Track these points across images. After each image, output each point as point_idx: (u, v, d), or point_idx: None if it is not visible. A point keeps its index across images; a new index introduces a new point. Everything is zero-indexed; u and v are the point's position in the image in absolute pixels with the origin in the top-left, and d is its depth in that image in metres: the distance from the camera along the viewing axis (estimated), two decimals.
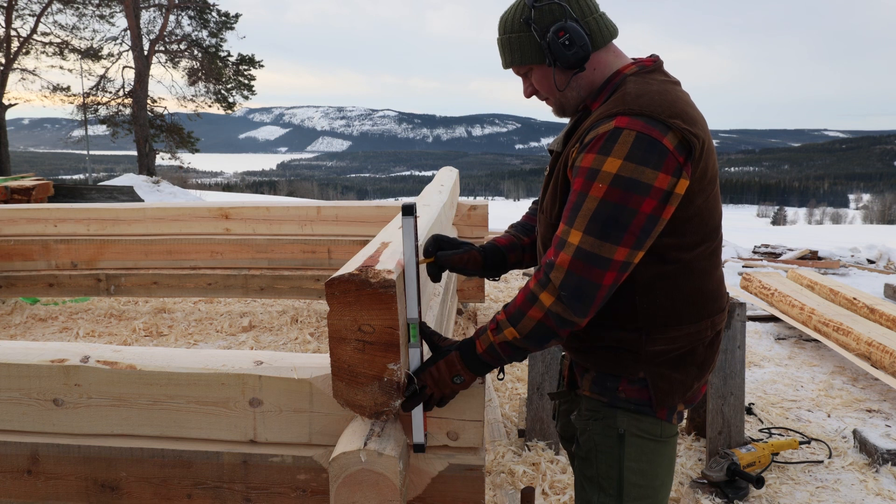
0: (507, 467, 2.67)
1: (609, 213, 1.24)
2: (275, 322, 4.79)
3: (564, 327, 1.29)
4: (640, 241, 1.27)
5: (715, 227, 1.39)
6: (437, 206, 2.77)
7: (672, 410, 1.45)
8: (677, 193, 1.25)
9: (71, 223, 4.82)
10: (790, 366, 4.11)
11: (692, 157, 1.26)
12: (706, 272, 1.40)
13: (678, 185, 1.25)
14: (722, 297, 1.46)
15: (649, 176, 1.23)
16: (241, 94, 24.19)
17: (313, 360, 1.46)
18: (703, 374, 1.45)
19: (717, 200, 1.38)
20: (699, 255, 1.37)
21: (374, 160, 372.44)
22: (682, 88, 1.40)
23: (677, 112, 1.27)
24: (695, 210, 1.32)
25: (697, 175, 1.29)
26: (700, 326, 1.41)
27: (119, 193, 10.98)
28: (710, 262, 1.40)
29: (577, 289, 1.26)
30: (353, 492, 1.26)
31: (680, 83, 1.42)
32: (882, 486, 2.65)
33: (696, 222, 1.34)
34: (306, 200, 13.15)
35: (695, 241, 1.35)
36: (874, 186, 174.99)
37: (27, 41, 20.94)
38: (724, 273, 1.50)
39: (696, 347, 1.42)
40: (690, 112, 1.31)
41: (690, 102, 1.36)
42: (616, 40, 1.45)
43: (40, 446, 1.48)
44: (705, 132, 1.32)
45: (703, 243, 1.37)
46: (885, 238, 10.77)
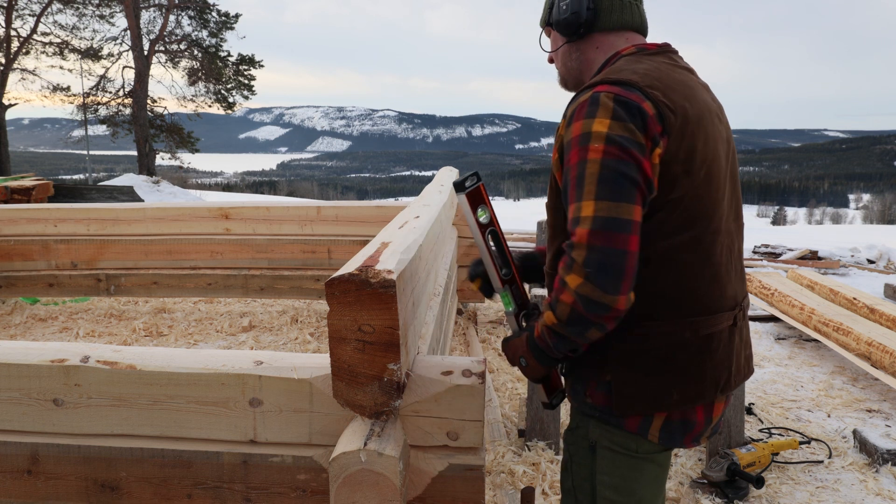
0: (507, 467, 2.67)
1: (615, 170, 1.16)
2: (275, 322, 4.79)
3: (599, 311, 1.16)
4: (645, 201, 1.20)
5: (706, 219, 1.27)
6: (438, 206, 2.77)
7: (646, 423, 1.30)
8: (656, 164, 1.20)
9: (71, 223, 4.82)
10: (790, 366, 4.11)
11: (668, 132, 1.21)
12: (690, 266, 1.26)
13: (653, 154, 1.20)
14: (715, 300, 1.29)
15: (639, 136, 1.18)
16: (241, 94, 24.19)
17: (313, 360, 1.46)
18: (688, 385, 1.28)
19: (712, 191, 1.28)
20: (680, 245, 1.25)
21: (374, 160, 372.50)
22: (685, 72, 1.34)
23: (659, 85, 1.23)
24: (679, 194, 1.24)
25: (682, 155, 1.22)
26: (677, 326, 1.27)
27: (119, 193, 10.98)
28: (697, 255, 1.26)
29: (602, 262, 1.14)
30: (353, 492, 1.26)
31: (691, 70, 1.36)
32: (882, 486, 2.65)
33: (679, 207, 1.24)
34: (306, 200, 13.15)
35: (675, 228, 1.24)
36: (874, 186, 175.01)
37: (27, 41, 20.94)
38: (732, 277, 1.33)
39: (674, 351, 1.27)
40: (679, 89, 1.25)
41: (689, 83, 1.30)
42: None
43: (40, 446, 1.48)
44: (698, 112, 1.26)
45: (685, 232, 1.25)
46: (885, 238, 10.77)
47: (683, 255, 1.26)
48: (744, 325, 1.38)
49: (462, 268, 4.81)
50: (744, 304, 1.38)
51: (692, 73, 1.36)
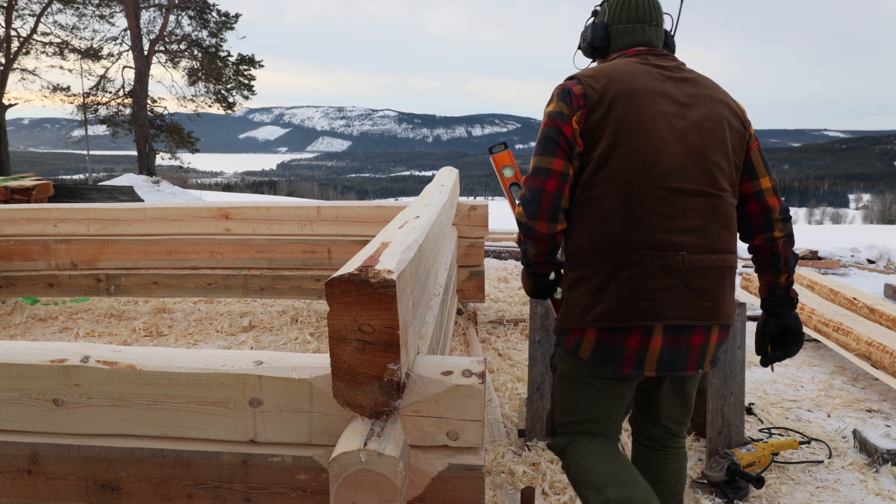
0: (507, 467, 2.67)
1: (545, 136, 1.65)
2: (275, 322, 4.79)
3: (528, 232, 1.66)
4: (568, 155, 1.63)
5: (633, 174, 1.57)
6: (438, 206, 2.77)
7: (578, 341, 1.64)
8: (576, 128, 1.62)
9: (71, 223, 4.82)
10: (790, 366, 4.11)
11: (588, 105, 1.62)
12: (610, 210, 1.59)
13: (575, 118, 1.62)
14: (635, 240, 1.56)
15: (566, 111, 1.63)
16: (241, 94, 24.19)
17: (313, 360, 1.46)
18: (605, 306, 1.57)
19: (644, 153, 1.58)
20: (604, 193, 1.60)
21: (374, 160, 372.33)
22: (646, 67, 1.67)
23: (597, 75, 1.65)
24: (600, 152, 1.60)
25: (595, 119, 1.60)
26: (604, 256, 1.59)
27: (119, 193, 10.98)
28: (617, 201, 1.58)
29: (527, 197, 1.64)
30: (353, 492, 1.26)
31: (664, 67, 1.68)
32: (882, 486, 2.65)
33: (603, 163, 1.60)
34: (306, 200, 13.16)
35: (600, 179, 1.60)
36: (874, 186, 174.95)
37: (27, 41, 20.93)
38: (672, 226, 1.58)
39: (595, 276, 1.60)
40: (620, 76, 1.63)
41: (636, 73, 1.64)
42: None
43: (40, 446, 1.48)
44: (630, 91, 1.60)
45: (607, 183, 1.59)
46: (885, 238, 10.77)
47: (604, 202, 1.60)
48: (699, 274, 1.59)
49: (462, 268, 4.81)
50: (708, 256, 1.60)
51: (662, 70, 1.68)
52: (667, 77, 1.66)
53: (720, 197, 1.63)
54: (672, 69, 1.69)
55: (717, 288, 1.61)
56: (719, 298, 1.62)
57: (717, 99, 1.68)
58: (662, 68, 1.68)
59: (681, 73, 1.69)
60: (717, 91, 1.71)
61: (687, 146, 1.61)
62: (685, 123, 1.62)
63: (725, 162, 1.65)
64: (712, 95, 1.68)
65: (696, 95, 1.66)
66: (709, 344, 1.64)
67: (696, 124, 1.63)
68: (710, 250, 1.60)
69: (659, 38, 1.78)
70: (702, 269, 1.59)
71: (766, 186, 1.74)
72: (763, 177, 1.74)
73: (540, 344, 2.82)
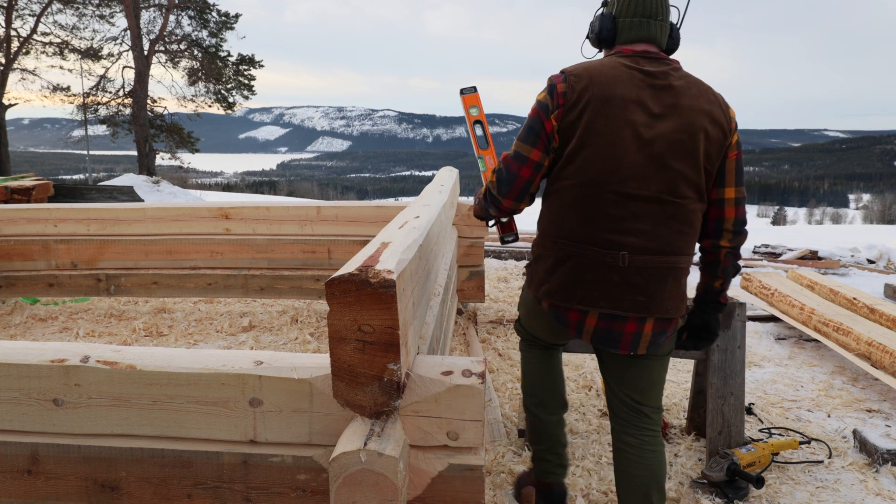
0: (507, 467, 2.67)
1: (530, 124, 1.81)
2: (275, 322, 4.80)
3: (494, 200, 1.93)
4: (546, 147, 1.80)
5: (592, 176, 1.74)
6: (438, 206, 2.77)
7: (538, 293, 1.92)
8: (555, 125, 1.77)
9: (71, 223, 4.82)
10: (790, 366, 4.11)
11: (566, 105, 1.75)
12: (568, 204, 1.79)
13: (554, 115, 1.77)
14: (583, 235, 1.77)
15: (550, 105, 1.77)
16: (241, 94, 24.17)
17: (313, 360, 1.46)
18: (550, 283, 1.85)
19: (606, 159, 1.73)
20: (567, 188, 1.78)
21: (374, 160, 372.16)
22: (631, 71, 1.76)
23: (580, 72, 1.77)
24: (569, 150, 1.77)
25: (570, 119, 1.75)
26: (557, 244, 1.82)
27: (119, 193, 10.97)
28: (574, 198, 1.78)
29: (501, 174, 1.87)
30: (353, 492, 1.26)
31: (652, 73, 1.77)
32: (882, 486, 2.65)
33: (570, 161, 1.77)
34: (306, 200, 13.16)
35: (565, 175, 1.79)
36: (874, 186, 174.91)
37: (27, 41, 20.92)
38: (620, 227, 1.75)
39: (549, 256, 1.85)
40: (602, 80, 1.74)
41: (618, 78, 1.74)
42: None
43: (40, 446, 1.48)
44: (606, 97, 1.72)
45: (569, 179, 1.78)
46: (885, 238, 10.77)
47: (565, 195, 1.80)
48: (638, 272, 1.76)
49: (462, 268, 4.81)
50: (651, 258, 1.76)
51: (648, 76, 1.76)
52: (649, 85, 1.75)
53: (678, 204, 1.76)
54: (658, 76, 1.76)
55: (656, 286, 1.78)
56: (657, 295, 1.78)
57: (697, 109, 1.75)
58: (648, 74, 1.76)
59: (666, 80, 1.76)
60: (702, 100, 1.76)
61: (649, 155, 1.73)
62: (652, 133, 1.72)
63: (693, 170, 1.75)
64: (692, 105, 1.75)
65: (673, 106, 1.74)
66: (643, 332, 1.82)
67: (664, 135, 1.73)
68: (655, 252, 1.76)
69: (663, 32, 1.85)
70: (642, 269, 1.76)
71: (729, 196, 1.85)
72: (729, 187, 1.85)
73: None
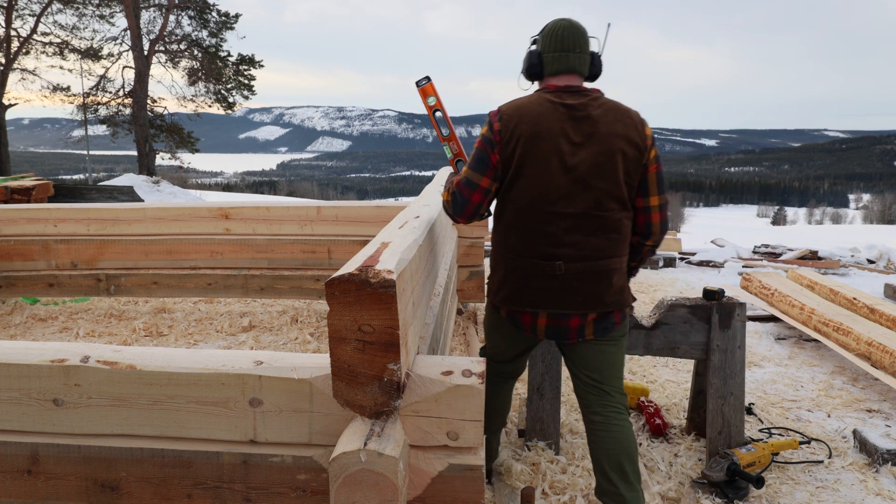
0: (506, 467, 2.67)
1: (479, 155, 2.07)
2: (275, 322, 4.80)
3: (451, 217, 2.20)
4: (494, 176, 2.07)
5: (528, 200, 2.03)
6: (438, 205, 2.77)
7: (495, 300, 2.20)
8: (498, 157, 2.05)
9: (71, 223, 4.82)
10: (790, 366, 4.11)
11: (502, 142, 2.03)
12: (513, 223, 2.08)
13: (495, 154, 2.05)
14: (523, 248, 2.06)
15: (493, 141, 2.05)
16: (241, 94, 24.17)
17: (313, 360, 1.46)
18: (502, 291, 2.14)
19: (537, 186, 2.01)
20: (511, 210, 2.08)
21: (374, 160, 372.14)
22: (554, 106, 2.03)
23: (514, 114, 2.04)
24: (509, 179, 2.05)
25: (507, 154, 2.03)
26: (506, 257, 2.12)
27: (119, 193, 10.98)
28: (517, 219, 2.06)
29: (455, 197, 2.12)
30: (353, 492, 1.26)
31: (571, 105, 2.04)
32: (882, 486, 2.65)
33: (511, 189, 2.06)
34: (306, 200, 13.15)
35: (510, 199, 2.07)
36: (874, 186, 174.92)
37: (27, 41, 20.92)
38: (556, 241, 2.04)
39: (501, 268, 2.15)
40: (528, 118, 2.02)
41: (543, 114, 2.02)
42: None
43: (40, 446, 1.48)
44: (534, 133, 2.00)
45: (513, 204, 2.07)
46: (885, 238, 10.78)
47: (508, 217, 2.09)
48: (574, 277, 2.06)
49: (462, 268, 4.81)
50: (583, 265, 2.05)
51: (570, 109, 2.03)
52: (570, 117, 2.03)
53: (604, 216, 2.05)
54: (579, 108, 2.04)
55: (592, 287, 2.08)
56: (594, 294, 2.09)
57: (614, 134, 2.03)
58: (570, 108, 2.04)
59: (585, 112, 2.04)
60: (618, 125, 2.04)
61: (574, 178, 2.01)
62: (576, 160, 2.01)
63: (614, 187, 2.04)
64: (609, 131, 2.03)
65: (592, 134, 2.02)
66: (586, 323, 2.13)
67: (585, 160, 2.02)
68: (587, 259, 2.06)
69: (583, 63, 2.11)
70: (577, 274, 2.06)
71: (653, 204, 2.15)
72: (653, 196, 2.14)
73: (539, 344, 2.82)
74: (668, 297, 2.84)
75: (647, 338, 2.81)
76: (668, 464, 2.79)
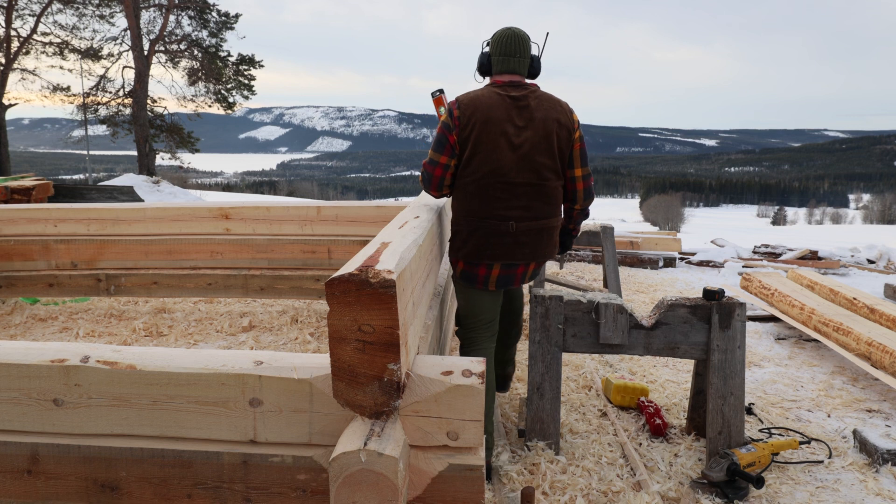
0: (506, 468, 2.67)
1: (439, 138, 2.57)
2: (275, 322, 4.80)
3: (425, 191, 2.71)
4: (451, 153, 2.56)
5: (482, 173, 2.52)
6: (438, 205, 2.77)
7: (455, 267, 2.71)
8: (455, 139, 2.53)
9: (71, 223, 4.82)
10: (790, 366, 4.11)
11: (459, 125, 2.51)
12: (471, 192, 2.56)
13: (453, 137, 2.53)
14: (483, 211, 2.55)
15: (451, 125, 2.53)
16: (241, 94, 24.15)
17: (313, 360, 1.46)
18: (464, 248, 2.61)
19: (488, 162, 2.50)
20: (469, 182, 2.55)
21: (374, 160, 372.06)
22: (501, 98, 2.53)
23: (469, 102, 2.52)
24: (466, 157, 2.54)
25: (464, 136, 2.51)
26: (468, 220, 2.58)
27: (119, 193, 10.97)
28: (474, 188, 2.55)
29: (423, 175, 2.63)
30: (354, 492, 1.26)
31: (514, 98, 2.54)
32: (882, 487, 2.65)
33: (468, 164, 2.54)
34: (306, 200, 13.15)
35: (467, 173, 2.55)
36: (874, 186, 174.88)
37: (27, 41, 20.91)
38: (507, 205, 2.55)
39: (463, 230, 2.61)
40: (481, 106, 2.51)
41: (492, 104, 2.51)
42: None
43: (40, 446, 1.48)
44: (492, 120, 2.49)
45: (470, 177, 2.54)
46: (886, 238, 10.77)
47: (469, 188, 2.56)
48: (523, 234, 2.58)
49: None
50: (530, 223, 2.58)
51: (514, 97, 2.54)
52: (515, 106, 2.54)
53: (543, 185, 2.58)
54: (521, 99, 2.55)
55: (536, 242, 2.62)
56: (537, 247, 2.64)
57: (549, 118, 2.55)
58: (514, 99, 2.55)
59: (526, 102, 2.55)
60: (551, 112, 2.57)
61: (519, 155, 2.53)
62: (520, 140, 2.53)
63: (550, 160, 2.57)
64: (546, 116, 2.55)
65: (531, 119, 2.54)
66: (528, 271, 2.71)
67: (528, 140, 2.54)
68: (532, 219, 2.58)
69: (523, 65, 2.61)
70: (525, 231, 2.58)
71: (577, 175, 2.68)
72: (577, 168, 2.67)
73: (540, 344, 2.82)
74: (668, 297, 2.84)
75: (647, 338, 2.81)
76: (668, 464, 2.79)
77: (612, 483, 2.59)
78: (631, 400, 3.36)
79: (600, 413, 3.29)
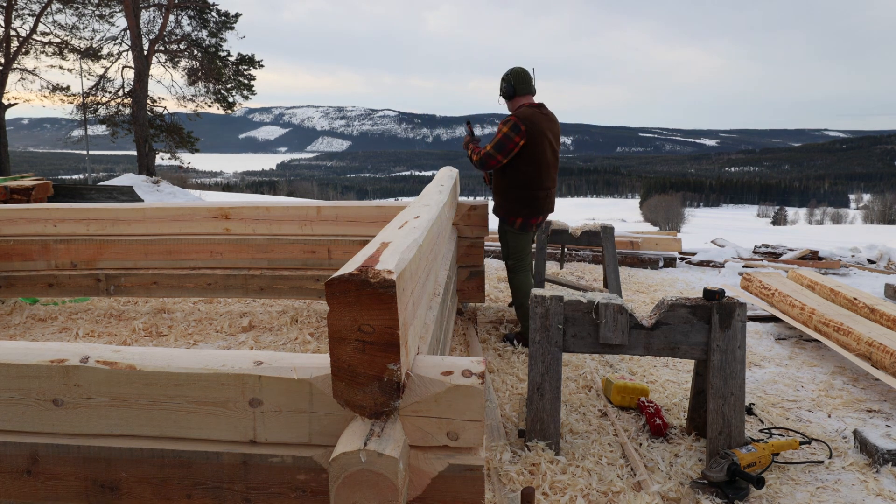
0: (505, 468, 2.67)
1: (503, 141, 4.00)
2: (275, 322, 4.79)
3: (481, 168, 4.22)
4: (508, 155, 4.03)
5: (535, 165, 4.05)
6: (438, 206, 2.77)
7: (514, 222, 4.23)
8: (520, 144, 3.98)
9: (71, 223, 4.82)
10: (790, 366, 4.11)
11: (525, 136, 3.96)
12: (529, 173, 4.07)
13: (520, 139, 3.98)
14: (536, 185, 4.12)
15: (515, 135, 3.98)
16: (241, 94, 24.15)
17: (313, 360, 1.46)
18: (526, 209, 4.17)
19: (539, 159, 4.05)
20: (527, 169, 4.06)
21: (374, 160, 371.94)
22: (541, 114, 4.08)
23: (526, 118, 3.97)
24: (526, 156, 4.02)
25: (525, 142, 3.98)
26: (526, 190, 4.11)
27: (119, 193, 10.96)
28: (531, 171, 4.07)
29: (486, 159, 4.09)
30: (353, 492, 1.26)
31: (545, 112, 4.14)
32: (882, 487, 2.65)
33: (525, 159, 4.03)
34: (306, 200, 13.14)
35: (524, 163, 4.05)
36: (874, 186, 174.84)
37: (27, 41, 20.91)
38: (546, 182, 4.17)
39: (524, 196, 4.13)
40: (534, 119, 4.00)
41: (541, 116, 4.06)
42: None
43: (40, 446, 1.48)
44: (541, 129, 4.02)
45: (528, 166, 4.04)
46: (886, 238, 10.76)
47: (527, 171, 4.07)
48: (549, 198, 4.24)
49: (462, 268, 4.81)
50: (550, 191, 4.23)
51: (545, 114, 4.10)
52: (546, 119, 4.05)
53: (555, 169, 4.17)
54: (547, 113, 4.11)
55: (551, 203, 4.27)
56: (551, 206, 4.28)
57: (557, 129, 4.14)
58: (544, 115, 4.06)
59: (549, 115, 4.10)
60: (556, 123, 4.15)
61: (551, 150, 4.10)
62: (551, 139, 4.08)
63: (555, 162, 4.18)
64: (555, 128, 4.14)
65: (552, 125, 4.09)
66: (545, 219, 4.36)
67: (553, 139, 4.10)
68: (551, 188, 4.20)
69: (533, 89, 4.17)
70: (549, 196, 4.20)
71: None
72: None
73: (540, 344, 2.82)
74: (668, 297, 2.84)
75: (647, 338, 2.81)
76: (668, 464, 2.79)
77: (613, 483, 2.59)
78: (631, 400, 3.36)
79: (600, 413, 3.29)
